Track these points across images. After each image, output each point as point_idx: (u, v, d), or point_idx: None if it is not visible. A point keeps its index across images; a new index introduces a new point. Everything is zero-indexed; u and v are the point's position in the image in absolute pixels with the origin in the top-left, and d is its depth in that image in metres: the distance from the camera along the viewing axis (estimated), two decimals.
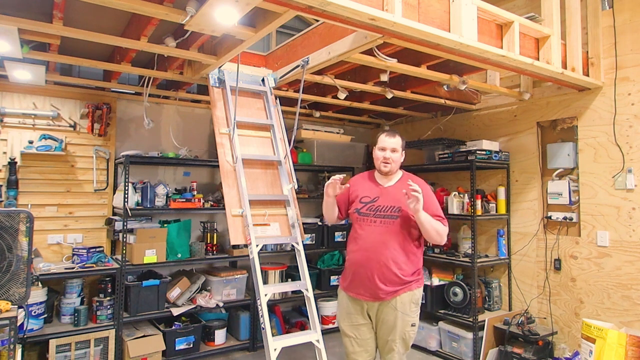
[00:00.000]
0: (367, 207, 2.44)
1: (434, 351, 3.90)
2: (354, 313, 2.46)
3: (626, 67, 3.16)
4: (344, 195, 2.56)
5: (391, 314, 2.37)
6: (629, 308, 3.08)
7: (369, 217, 2.42)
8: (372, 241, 2.38)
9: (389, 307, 2.37)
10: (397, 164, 2.46)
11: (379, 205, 2.42)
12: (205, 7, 2.01)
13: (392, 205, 2.39)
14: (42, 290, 3.09)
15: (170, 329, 3.54)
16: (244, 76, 3.14)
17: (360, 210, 2.45)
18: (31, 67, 3.00)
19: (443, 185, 4.43)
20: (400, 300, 2.36)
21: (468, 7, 2.31)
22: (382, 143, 2.44)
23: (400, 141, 2.46)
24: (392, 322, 2.37)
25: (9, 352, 2.15)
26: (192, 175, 4.24)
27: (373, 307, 2.42)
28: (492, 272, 4.04)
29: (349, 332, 2.49)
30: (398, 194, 2.40)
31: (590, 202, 3.34)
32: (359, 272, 2.40)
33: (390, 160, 2.42)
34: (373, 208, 2.42)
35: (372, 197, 2.46)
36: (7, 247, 2.27)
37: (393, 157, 2.42)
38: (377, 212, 2.41)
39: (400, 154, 2.46)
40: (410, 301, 2.39)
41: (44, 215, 3.49)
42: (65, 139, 3.58)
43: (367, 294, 2.39)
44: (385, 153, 2.42)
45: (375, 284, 2.34)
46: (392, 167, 2.44)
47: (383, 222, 2.38)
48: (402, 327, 2.37)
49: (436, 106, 4.35)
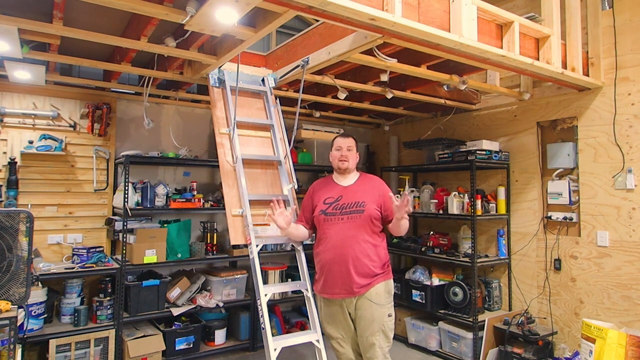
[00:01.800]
0: (332, 207, 2.52)
1: (434, 351, 3.90)
2: (335, 314, 2.52)
3: (626, 67, 3.16)
4: (308, 204, 2.66)
5: (367, 307, 2.42)
6: (629, 308, 3.08)
7: (335, 215, 2.50)
8: (342, 237, 2.44)
9: (365, 301, 2.43)
10: (354, 161, 2.62)
11: (344, 203, 2.51)
12: (205, 7, 2.01)
13: (357, 201, 2.49)
14: (42, 290, 3.09)
15: (170, 329, 3.54)
16: (244, 76, 3.14)
17: (327, 211, 2.52)
18: (31, 67, 3.00)
19: (443, 185, 4.43)
20: (374, 291, 2.43)
21: (468, 7, 2.31)
22: (338, 143, 2.63)
23: (354, 142, 2.64)
24: (370, 316, 2.42)
25: (9, 352, 2.15)
26: (192, 175, 4.24)
27: (351, 304, 2.46)
28: (492, 272, 4.04)
29: (335, 334, 2.54)
30: (360, 191, 2.53)
31: (590, 202, 3.34)
32: (332, 270, 2.45)
33: (347, 157, 2.57)
34: (338, 207, 2.51)
35: (335, 197, 2.55)
36: (7, 247, 2.27)
37: (349, 155, 2.58)
38: (342, 209, 2.50)
39: (355, 153, 2.63)
40: (385, 291, 2.47)
41: (44, 215, 3.49)
42: (65, 139, 3.58)
43: (342, 290, 2.44)
44: (342, 151, 2.59)
45: (351, 277, 2.40)
46: (349, 164, 2.58)
47: (350, 218, 2.47)
48: (379, 319, 2.42)
49: (436, 106, 4.35)
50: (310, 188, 2.72)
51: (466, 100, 4.12)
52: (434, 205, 4.11)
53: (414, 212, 4.29)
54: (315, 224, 2.60)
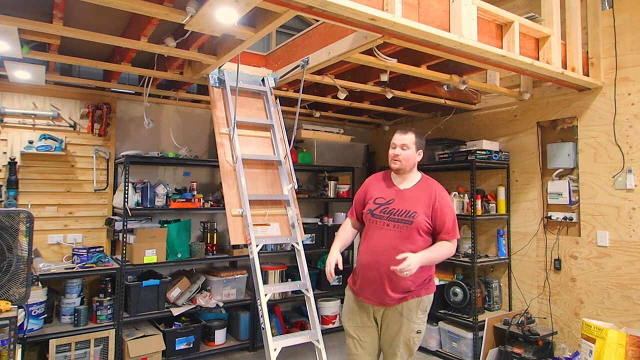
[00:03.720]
0: (381, 209, 2.34)
1: (434, 351, 3.90)
2: (359, 314, 2.38)
3: (626, 67, 3.16)
4: (360, 197, 2.49)
5: (396, 319, 2.29)
6: (629, 308, 3.08)
7: (382, 219, 2.31)
8: (383, 245, 2.27)
9: (395, 313, 2.30)
10: (408, 161, 2.34)
11: (394, 208, 2.31)
12: (205, 7, 2.01)
13: (408, 210, 2.28)
14: (42, 290, 3.09)
15: (170, 329, 3.54)
16: (244, 76, 3.14)
17: (374, 212, 2.35)
18: (31, 67, 3.00)
19: (443, 185, 4.40)
20: (407, 306, 2.28)
21: (468, 7, 2.31)
22: (394, 140, 2.38)
23: (414, 138, 2.35)
24: (397, 328, 2.30)
25: (9, 352, 2.15)
26: (192, 175, 4.24)
27: (379, 311, 2.34)
28: (492, 272, 4.04)
29: (353, 333, 2.41)
30: (414, 198, 2.31)
31: (590, 202, 3.34)
32: (367, 275, 2.31)
33: (399, 157, 2.33)
34: (387, 211, 2.32)
35: (387, 199, 2.35)
36: (7, 247, 2.27)
37: (403, 154, 2.33)
38: (391, 215, 2.30)
39: (412, 152, 2.35)
40: (418, 307, 2.30)
41: (44, 215, 3.49)
42: (65, 139, 3.58)
43: (374, 298, 2.31)
44: (395, 150, 2.35)
45: (384, 289, 2.25)
46: (402, 164, 2.34)
47: (396, 227, 2.27)
48: (406, 334, 2.30)
49: (436, 106, 4.35)
50: (366, 181, 2.54)
51: (466, 100, 4.12)
52: None
53: None
54: (364, 220, 2.44)
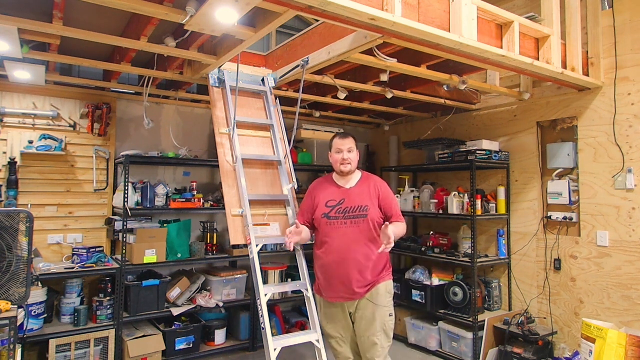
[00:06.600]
0: (335, 211, 2.50)
1: (434, 351, 3.90)
2: (335, 314, 2.54)
3: (626, 67, 3.16)
4: (308, 204, 2.62)
5: (369, 308, 2.44)
6: (629, 308, 3.08)
7: (338, 219, 2.48)
8: (345, 242, 2.44)
9: (366, 302, 2.45)
10: (356, 162, 2.56)
11: (347, 206, 2.49)
12: (205, 7, 2.01)
13: (359, 205, 2.47)
14: (42, 290, 3.09)
15: (170, 329, 3.54)
16: (244, 76, 3.14)
17: (330, 215, 2.50)
18: (31, 67, 3.00)
19: (443, 185, 4.43)
20: (375, 291, 2.45)
21: (468, 7, 2.31)
22: (338, 145, 2.55)
23: (354, 141, 2.58)
24: (371, 316, 2.44)
25: (9, 352, 2.15)
26: (192, 175, 4.24)
27: (352, 305, 2.49)
28: (492, 272, 4.04)
29: (334, 333, 2.56)
30: (362, 194, 2.50)
31: (590, 202, 3.34)
32: (334, 275, 2.46)
33: (348, 160, 2.52)
34: (341, 210, 2.49)
35: (337, 200, 2.52)
36: (7, 247, 2.27)
37: (351, 157, 2.52)
38: (346, 213, 2.47)
39: (356, 153, 2.57)
40: (386, 291, 2.48)
41: (44, 215, 3.49)
42: (65, 139, 3.58)
43: (344, 294, 2.45)
44: (343, 154, 2.52)
45: (353, 282, 2.41)
46: (352, 166, 2.53)
47: (354, 223, 2.45)
48: (381, 319, 2.44)
49: (436, 106, 4.35)
50: (310, 188, 2.71)
51: (466, 100, 4.12)
52: (434, 205, 4.11)
53: (414, 212, 4.30)
54: (316, 226, 2.59)
